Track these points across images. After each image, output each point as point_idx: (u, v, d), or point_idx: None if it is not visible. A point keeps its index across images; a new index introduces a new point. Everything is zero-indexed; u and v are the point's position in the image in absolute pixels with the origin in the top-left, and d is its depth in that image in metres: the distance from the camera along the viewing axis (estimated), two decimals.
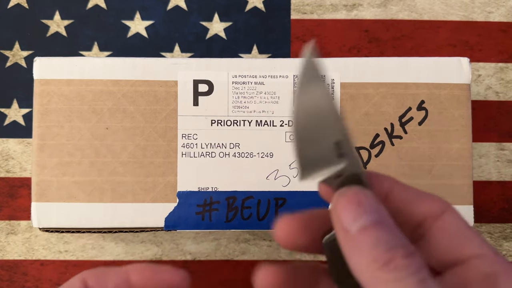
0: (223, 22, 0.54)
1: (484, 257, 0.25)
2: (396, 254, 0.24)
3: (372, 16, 0.54)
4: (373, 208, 0.25)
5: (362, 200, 0.26)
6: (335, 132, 0.27)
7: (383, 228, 0.25)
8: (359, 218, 0.25)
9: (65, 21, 0.54)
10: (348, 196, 0.26)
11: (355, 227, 0.25)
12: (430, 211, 0.27)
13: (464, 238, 0.26)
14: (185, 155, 0.43)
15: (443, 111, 0.43)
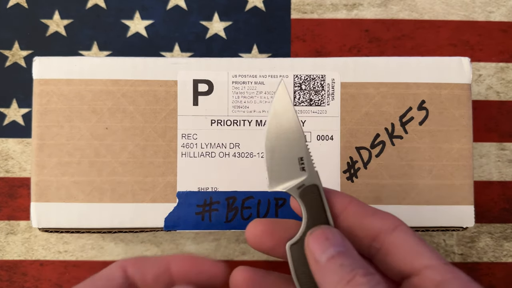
0: (223, 22, 0.54)
1: (435, 267, 0.29)
2: (357, 273, 0.28)
3: (372, 15, 0.54)
4: (338, 242, 0.30)
5: (328, 236, 0.30)
6: (299, 150, 0.34)
7: (346, 256, 0.29)
8: (327, 250, 0.30)
9: (64, 21, 0.54)
10: (317, 233, 0.31)
11: (324, 258, 0.29)
12: (383, 226, 0.31)
13: (416, 251, 0.30)
14: (185, 155, 0.43)
15: (443, 111, 0.43)
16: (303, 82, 0.43)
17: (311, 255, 0.30)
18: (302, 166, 0.34)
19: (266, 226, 0.33)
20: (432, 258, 0.30)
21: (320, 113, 0.43)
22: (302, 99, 0.43)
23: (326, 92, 0.43)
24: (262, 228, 0.33)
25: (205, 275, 0.33)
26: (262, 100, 0.43)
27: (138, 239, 0.52)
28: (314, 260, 0.30)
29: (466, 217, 0.42)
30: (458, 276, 0.29)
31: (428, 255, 0.30)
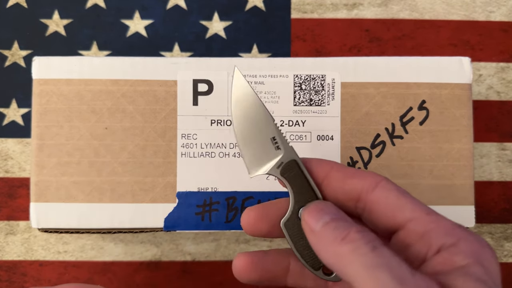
0: (223, 21, 0.54)
1: (417, 219, 0.29)
2: (351, 230, 0.28)
3: (372, 15, 0.54)
4: (331, 211, 0.31)
5: (322, 207, 0.31)
6: (269, 130, 0.34)
7: (340, 220, 0.30)
8: (320, 219, 0.30)
9: (64, 21, 0.54)
10: (311, 207, 0.32)
11: (319, 225, 0.30)
12: (364, 186, 0.32)
13: (397, 205, 0.30)
14: (185, 155, 0.42)
15: (444, 111, 0.43)
16: (303, 82, 0.43)
17: (307, 227, 0.31)
18: (276, 145, 0.34)
19: (258, 211, 0.34)
20: (414, 210, 0.30)
21: (320, 113, 0.43)
22: (302, 99, 0.43)
23: (326, 92, 0.43)
24: (255, 215, 0.34)
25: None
26: (262, 100, 0.43)
27: (137, 240, 0.52)
28: (310, 231, 0.31)
29: (467, 217, 0.42)
30: (441, 224, 0.29)
31: (410, 207, 0.30)
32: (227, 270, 0.52)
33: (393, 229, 0.31)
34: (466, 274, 0.26)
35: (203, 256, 0.52)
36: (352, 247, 0.27)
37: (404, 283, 0.25)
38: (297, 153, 0.34)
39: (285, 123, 0.43)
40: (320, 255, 0.30)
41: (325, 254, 0.29)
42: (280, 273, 0.35)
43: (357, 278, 0.27)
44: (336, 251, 0.28)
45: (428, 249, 0.29)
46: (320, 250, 0.30)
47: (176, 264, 0.52)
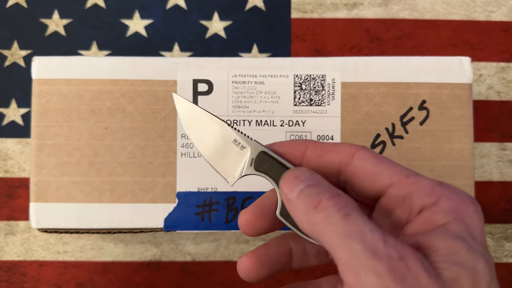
0: (223, 21, 0.54)
1: (396, 183, 0.29)
2: (323, 197, 0.28)
3: (373, 15, 0.54)
4: (307, 177, 0.30)
5: (297, 175, 0.30)
6: (227, 135, 0.34)
7: (314, 187, 0.29)
8: (296, 187, 0.29)
9: (64, 20, 0.54)
10: (286, 176, 0.31)
11: (294, 194, 0.29)
12: (340, 159, 0.31)
13: (375, 173, 0.30)
14: (185, 155, 0.42)
15: (444, 111, 0.43)
16: (303, 82, 0.43)
17: (285, 197, 0.30)
18: (240, 146, 0.34)
19: (254, 212, 0.34)
20: (393, 175, 0.29)
21: (320, 113, 0.43)
22: (302, 99, 0.43)
23: (326, 92, 0.43)
24: (252, 216, 0.33)
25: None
26: (262, 100, 0.43)
27: (137, 240, 0.52)
28: (287, 200, 0.30)
29: None
30: (421, 185, 0.29)
31: (388, 173, 0.30)
32: (227, 270, 0.52)
33: (375, 197, 0.30)
34: (445, 232, 0.26)
35: (203, 256, 0.52)
36: (325, 216, 0.27)
37: (375, 253, 0.25)
38: (262, 143, 0.34)
39: (285, 123, 0.43)
40: (298, 224, 0.29)
41: (301, 223, 0.29)
42: (285, 260, 0.34)
43: (332, 247, 0.26)
44: (310, 220, 0.28)
45: (410, 212, 0.28)
46: (296, 219, 0.29)
47: (176, 264, 0.52)
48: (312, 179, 0.30)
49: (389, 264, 0.24)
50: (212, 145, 0.35)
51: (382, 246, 0.25)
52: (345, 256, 0.25)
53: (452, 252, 0.25)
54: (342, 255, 0.25)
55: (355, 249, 0.25)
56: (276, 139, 0.42)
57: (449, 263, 0.25)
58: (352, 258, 0.25)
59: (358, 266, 0.25)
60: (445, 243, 0.26)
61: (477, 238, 0.27)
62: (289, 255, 0.35)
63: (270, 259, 0.34)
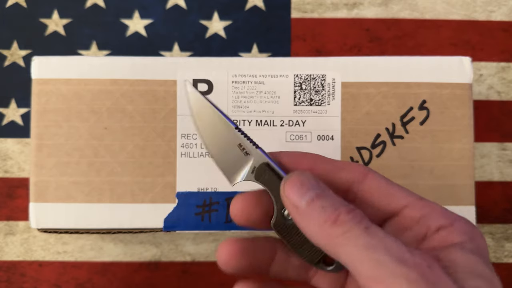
0: (222, 21, 0.54)
1: (411, 205, 0.30)
2: (341, 211, 0.28)
3: (373, 15, 0.54)
4: (313, 184, 0.30)
5: (303, 181, 0.30)
6: (234, 138, 0.34)
7: (325, 197, 0.29)
8: (304, 194, 0.29)
9: (63, 20, 0.54)
10: (291, 180, 0.30)
11: (304, 202, 0.29)
12: (352, 177, 0.32)
13: (389, 194, 0.31)
14: (185, 155, 0.42)
15: (444, 110, 0.42)
16: (303, 82, 0.43)
17: (290, 203, 0.30)
18: (244, 151, 0.34)
19: (251, 198, 0.33)
20: (407, 197, 0.31)
21: (320, 113, 0.43)
22: (302, 99, 0.43)
23: (326, 91, 0.43)
24: (248, 201, 0.33)
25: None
26: (262, 100, 0.43)
27: (137, 240, 0.52)
28: (294, 207, 0.30)
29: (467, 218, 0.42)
30: (435, 208, 0.30)
31: (403, 195, 0.31)
32: None
33: (388, 216, 0.31)
34: (463, 249, 0.28)
35: (203, 256, 0.52)
36: (344, 230, 0.27)
37: (404, 261, 0.26)
38: (267, 153, 0.33)
39: (285, 123, 0.43)
40: (308, 234, 0.30)
41: (314, 234, 0.29)
42: (267, 260, 0.34)
43: (353, 260, 0.27)
44: (327, 233, 0.28)
45: (427, 230, 0.30)
46: (307, 230, 0.29)
47: (175, 265, 0.52)
48: (318, 187, 0.30)
49: (420, 271, 0.25)
50: (218, 143, 0.34)
51: (409, 255, 0.26)
52: (370, 267, 0.26)
53: (472, 265, 0.27)
54: (366, 267, 0.26)
55: (381, 260, 0.26)
56: (276, 139, 0.42)
57: (471, 275, 0.27)
58: (380, 269, 0.26)
59: (387, 276, 0.25)
60: (465, 257, 0.27)
61: (485, 256, 0.29)
62: (271, 257, 0.34)
63: (254, 253, 0.34)
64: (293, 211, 0.30)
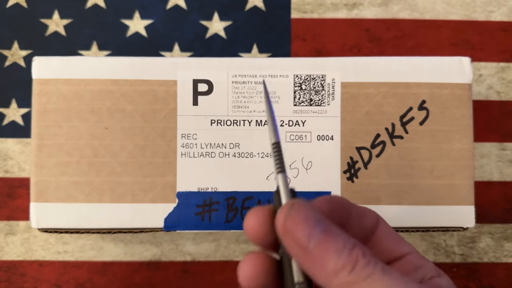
0: (223, 21, 0.54)
1: (413, 253, 0.32)
2: (357, 255, 0.26)
3: (373, 15, 0.54)
4: (317, 217, 0.27)
5: (308, 215, 0.27)
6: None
7: (333, 236, 0.27)
8: (312, 232, 0.27)
9: (64, 20, 0.54)
10: (295, 215, 0.27)
11: (313, 243, 0.27)
12: (372, 223, 0.32)
13: (398, 241, 0.32)
14: (185, 155, 0.42)
15: (444, 111, 0.43)
16: (303, 82, 0.43)
17: (294, 241, 0.27)
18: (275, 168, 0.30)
19: (270, 215, 0.29)
20: (409, 246, 0.32)
21: (320, 113, 0.43)
22: (302, 99, 0.43)
23: (326, 92, 0.43)
24: (267, 217, 0.29)
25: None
26: (263, 100, 0.43)
27: (137, 240, 0.52)
28: (300, 249, 0.27)
29: (467, 218, 0.42)
30: (429, 261, 0.32)
31: (405, 243, 0.32)
32: (227, 270, 0.52)
33: (392, 260, 0.32)
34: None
35: (203, 256, 0.52)
36: (365, 276, 0.26)
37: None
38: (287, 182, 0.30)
39: (285, 123, 0.43)
40: (319, 280, 0.27)
41: (329, 281, 0.27)
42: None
43: None
44: (346, 281, 0.26)
45: (423, 277, 0.31)
46: (315, 272, 0.27)
47: (176, 264, 0.52)
48: (321, 220, 0.28)
49: None
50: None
51: (418, 285, 0.28)
52: None
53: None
54: None
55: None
56: None
57: None
58: None
59: None
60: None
61: None
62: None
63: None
64: (299, 252, 0.27)
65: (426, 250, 0.52)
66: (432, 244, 0.52)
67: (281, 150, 0.30)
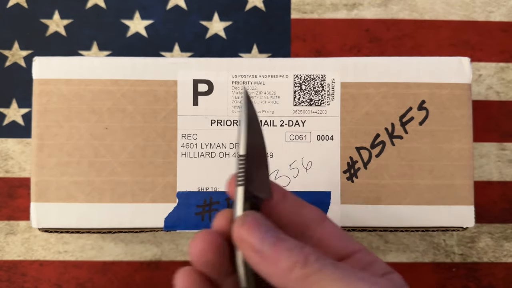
0: (223, 22, 0.54)
1: (362, 251, 0.32)
2: (308, 251, 0.28)
3: (372, 15, 0.54)
4: (269, 225, 0.29)
5: (259, 222, 0.29)
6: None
7: (283, 239, 0.29)
8: (264, 237, 0.28)
9: (64, 21, 0.54)
10: (249, 222, 0.29)
11: (266, 246, 0.28)
12: (314, 217, 0.33)
13: (345, 238, 0.33)
14: (185, 155, 0.43)
15: (444, 111, 0.43)
16: (303, 82, 0.43)
17: (250, 248, 0.28)
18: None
19: (217, 239, 0.30)
20: (357, 244, 0.33)
21: (320, 113, 0.43)
22: (302, 99, 0.43)
23: (326, 92, 0.43)
24: (201, 247, 0.30)
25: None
26: (262, 100, 0.43)
27: (138, 239, 0.52)
28: (255, 251, 0.28)
29: (466, 217, 0.42)
30: (379, 259, 0.32)
31: (354, 241, 0.33)
32: None
33: (340, 257, 0.32)
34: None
35: None
36: (316, 269, 0.27)
37: (379, 284, 0.28)
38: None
39: (285, 123, 0.43)
40: (275, 280, 0.28)
41: (283, 279, 0.28)
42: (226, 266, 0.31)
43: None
44: (299, 276, 0.27)
45: (375, 273, 0.31)
46: (274, 276, 0.28)
47: (176, 264, 0.52)
48: (272, 227, 0.29)
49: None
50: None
51: (380, 280, 0.29)
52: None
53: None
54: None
55: (360, 287, 0.27)
56: (276, 140, 0.42)
57: None
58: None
59: None
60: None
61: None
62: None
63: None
64: (254, 257, 0.28)
65: (426, 250, 0.52)
66: (432, 244, 0.52)
67: (246, 163, 0.30)
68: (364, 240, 0.52)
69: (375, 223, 0.42)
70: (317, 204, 0.42)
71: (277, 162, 0.43)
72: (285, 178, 0.43)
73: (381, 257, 0.52)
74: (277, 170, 0.43)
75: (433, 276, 0.52)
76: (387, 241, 0.52)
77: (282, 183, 0.42)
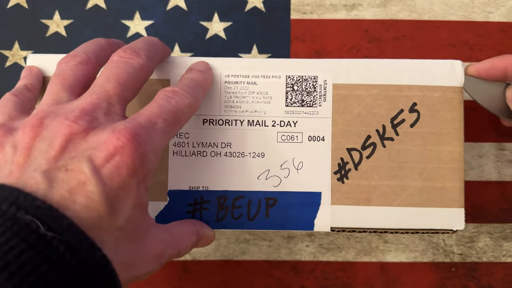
0: (222, 22, 0.55)
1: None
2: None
3: (372, 16, 0.54)
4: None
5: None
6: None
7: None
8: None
9: (64, 21, 0.54)
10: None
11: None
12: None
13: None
14: (176, 154, 0.43)
15: (435, 113, 0.43)
16: (295, 83, 0.43)
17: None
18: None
19: None
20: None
21: (311, 114, 0.43)
22: (294, 100, 0.43)
23: (318, 93, 0.43)
24: None
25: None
26: (254, 101, 0.43)
27: None
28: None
29: (456, 220, 0.42)
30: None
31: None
32: (227, 269, 0.52)
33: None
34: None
35: (203, 255, 0.52)
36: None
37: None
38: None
39: (276, 124, 0.43)
40: None
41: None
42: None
43: None
44: None
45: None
46: None
47: (176, 264, 0.52)
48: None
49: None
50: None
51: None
52: None
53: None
54: None
55: None
56: (268, 140, 0.43)
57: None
58: None
59: None
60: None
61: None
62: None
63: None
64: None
65: (425, 250, 0.52)
66: (431, 244, 0.52)
67: None
68: (364, 240, 0.52)
69: (365, 224, 0.42)
70: (307, 204, 0.42)
71: (268, 162, 0.43)
72: (276, 178, 0.43)
73: (381, 257, 0.52)
74: (268, 170, 0.43)
75: (432, 276, 0.52)
76: (386, 241, 0.52)
77: (273, 183, 0.43)
